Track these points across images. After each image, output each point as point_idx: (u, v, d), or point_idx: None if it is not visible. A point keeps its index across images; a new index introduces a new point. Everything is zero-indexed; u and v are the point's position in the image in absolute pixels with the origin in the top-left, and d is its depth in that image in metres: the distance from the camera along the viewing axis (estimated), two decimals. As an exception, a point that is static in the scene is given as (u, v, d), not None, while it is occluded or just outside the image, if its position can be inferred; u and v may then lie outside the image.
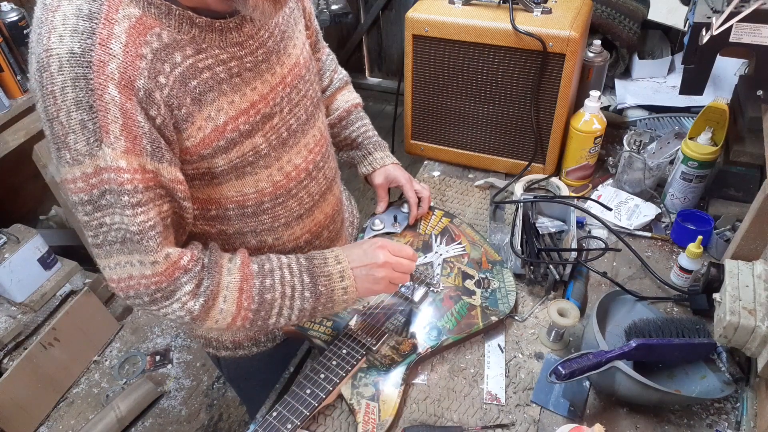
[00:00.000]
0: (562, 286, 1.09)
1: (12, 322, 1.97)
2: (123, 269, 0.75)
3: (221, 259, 0.83)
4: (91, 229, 0.73)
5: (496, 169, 1.40)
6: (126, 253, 0.73)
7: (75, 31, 0.63)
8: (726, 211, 1.19)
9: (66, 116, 0.64)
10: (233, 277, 0.82)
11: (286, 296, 0.85)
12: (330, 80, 1.17)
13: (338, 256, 0.89)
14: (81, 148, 0.66)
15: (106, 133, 0.65)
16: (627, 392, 0.87)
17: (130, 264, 0.74)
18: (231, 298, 0.81)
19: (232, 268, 0.82)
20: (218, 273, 0.81)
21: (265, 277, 0.84)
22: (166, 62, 0.69)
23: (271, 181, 0.87)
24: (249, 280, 0.83)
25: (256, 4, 0.68)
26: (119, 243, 0.73)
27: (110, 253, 0.74)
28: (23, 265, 1.97)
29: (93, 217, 0.71)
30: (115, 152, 0.66)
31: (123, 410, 1.99)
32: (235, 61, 0.77)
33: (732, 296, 0.85)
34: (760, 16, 0.89)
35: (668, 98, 1.56)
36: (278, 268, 0.85)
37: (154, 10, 0.68)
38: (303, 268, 0.87)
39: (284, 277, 0.85)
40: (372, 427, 0.86)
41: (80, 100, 0.64)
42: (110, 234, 0.72)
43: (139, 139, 0.68)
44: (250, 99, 0.79)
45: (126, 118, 0.66)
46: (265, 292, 0.84)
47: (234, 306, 0.81)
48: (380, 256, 0.88)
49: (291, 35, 0.87)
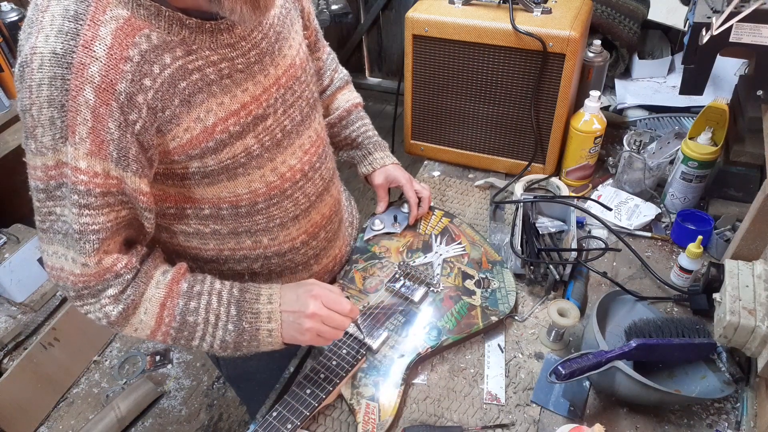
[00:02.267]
0: (562, 286, 1.09)
1: (12, 322, 1.97)
2: (58, 259, 0.77)
3: (154, 270, 0.82)
4: (39, 215, 0.75)
5: (496, 169, 1.40)
6: (64, 246, 0.75)
7: (60, 32, 0.64)
8: (726, 211, 1.19)
9: (37, 111, 0.66)
10: (159, 290, 0.81)
11: (209, 323, 0.83)
12: (330, 80, 1.17)
13: (272, 295, 0.85)
14: (46, 142, 0.68)
15: (72, 133, 0.67)
16: (627, 392, 0.87)
17: (65, 257, 0.76)
18: (151, 312, 0.81)
19: (161, 281, 0.82)
20: (145, 284, 0.80)
21: (191, 299, 0.82)
22: (155, 64, 0.69)
23: (265, 181, 0.87)
24: (174, 298, 0.82)
25: (233, 8, 0.67)
26: (62, 234, 0.75)
27: (52, 240, 0.76)
28: (23, 265, 1.97)
29: (44, 204, 0.73)
30: (77, 152, 0.68)
31: (123, 410, 1.99)
32: (225, 62, 0.76)
33: (732, 296, 0.85)
34: (760, 16, 0.89)
35: (668, 98, 1.56)
36: (207, 292, 0.83)
37: (143, 12, 0.68)
38: (233, 299, 0.84)
39: (210, 303, 0.83)
40: (372, 427, 0.86)
41: (53, 98, 0.65)
42: (56, 224, 0.74)
43: (106, 145, 0.68)
44: (240, 100, 0.79)
45: (96, 122, 0.67)
46: (188, 314, 0.82)
47: (153, 320, 0.81)
48: (310, 306, 0.83)
49: (286, 36, 0.87)
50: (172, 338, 0.83)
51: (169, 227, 0.88)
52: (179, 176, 0.79)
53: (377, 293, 1.06)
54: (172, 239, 0.90)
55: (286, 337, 0.85)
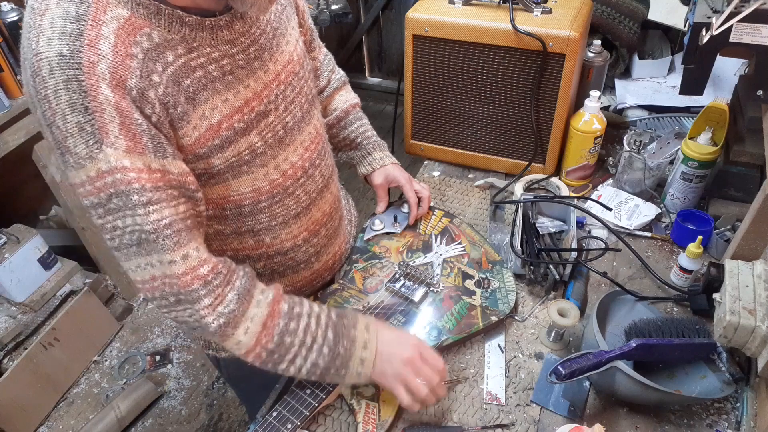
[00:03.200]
0: (562, 286, 1.09)
1: (12, 322, 1.97)
2: (144, 271, 0.74)
3: (254, 288, 0.81)
4: (106, 232, 0.71)
5: (496, 169, 1.40)
6: (144, 254, 0.72)
7: (63, 34, 0.63)
8: (726, 211, 1.19)
9: (62, 119, 0.64)
10: (261, 310, 0.80)
11: (305, 345, 0.82)
12: (328, 81, 1.17)
13: (369, 325, 0.86)
14: (81, 152, 0.65)
15: (105, 134, 0.65)
16: (627, 392, 0.87)
17: (150, 266, 0.73)
18: (252, 331, 0.79)
19: (262, 301, 0.81)
20: (248, 302, 0.79)
21: (291, 320, 0.81)
22: (158, 62, 0.69)
23: (268, 179, 0.87)
24: (275, 318, 0.80)
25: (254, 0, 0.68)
26: (135, 246, 0.71)
27: (128, 256, 0.73)
28: (23, 265, 1.97)
29: (106, 220, 0.70)
30: (117, 152, 0.66)
31: (123, 410, 1.99)
32: (227, 59, 0.77)
33: (732, 296, 0.85)
34: (760, 16, 0.89)
35: (668, 98, 1.56)
36: (306, 314, 0.83)
37: (142, 11, 0.68)
38: (331, 322, 0.84)
39: (309, 325, 0.82)
40: (372, 427, 0.86)
41: (74, 102, 0.63)
42: (125, 237, 0.71)
43: (139, 137, 0.67)
44: (243, 97, 0.79)
45: (123, 116, 0.66)
46: (286, 335, 0.81)
47: (253, 340, 0.79)
48: (409, 351, 0.84)
49: (283, 32, 0.87)
50: (262, 360, 0.81)
51: None
52: None
53: (377, 293, 1.06)
54: None
55: (377, 372, 0.84)
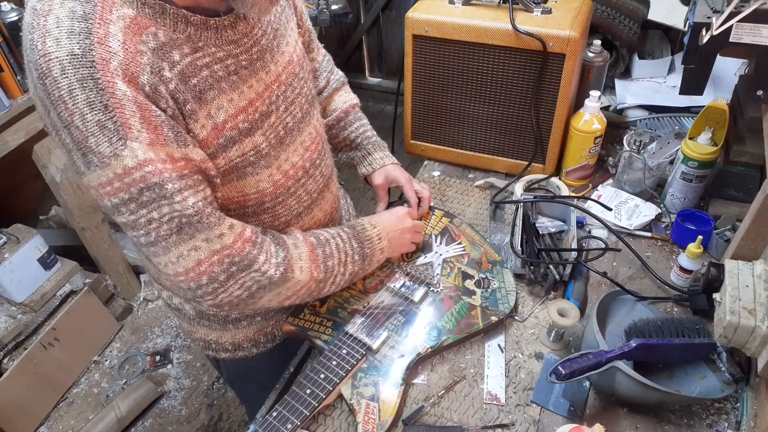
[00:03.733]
0: (562, 286, 1.09)
1: (12, 322, 1.97)
2: (188, 258, 0.74)
3: (281, 236, 0.88)
4: (141, 228, 0.71)
5: (496, 169, 1.40)
6: (187, 239, 0.73)
7: (71, 33, 0.62)
8: (726, 211, 1.19)
9: (80, 119, 0.63)
10: (301, 249, 0.88)
11: (341, 262, 0.93)
12: (327, 81, 1.17)
13: (372, 221, 1.01)
14: (104, 150, 0.65)
15: (128, 129, 0.65)
16: (627, 392, 0.87)
17: (195, 249, 0.74)
18: (305, 268, 0.87)
19: (296, 242, 0.88)
20: (286, 247, 0.86)
21: (324, 246, 0.91)
22: (165, 60, 0.69)
23: (272, 180, 0.87)
24: (314, 250, 0.90)
25: (255, 1, 0.69)
26: (175, 234, 0.72)
27: (168, 247, 0.73)
28: (23, 265, 1.97)
29: (139, 215, 0.70)
30: (142, 145, 0.66)
31: (123, 410, 1.99)
32: (231, 59, 0.77)
33: (732, 296, 0.85)
34: (760, 16, 0.89)
35: (668, 98, 1.56)
36: (332, 237, 0.94)
37: (148, 10, 0.68)
38: (350, 235, 0.96)
39: (338, 244, 0.94)
40: (372, 427, 0.86)
41: (92, 100, 0.63)
42: (162, 228, 0.71)
43: (160, 128, 0.67)
44: (247, 97, 0.79)
45: (142, 110, 0.66)
46: (328, 260, 0.91)
47: (308, 275, 0.88)
48: (407, 222, 1.06)
49: (283, 33, 0.87)
50: (310, 291, 0.91)
51: None
52: None
53: (377, 293, 1.06)
54: None
55: (394, 250, 1.05)
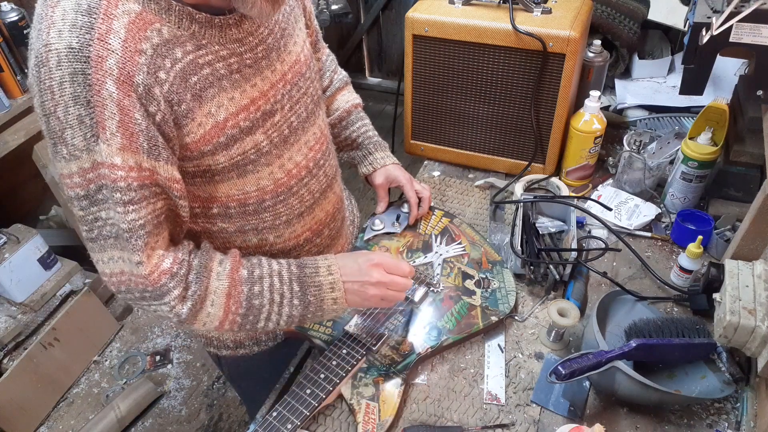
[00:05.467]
0: (562, 286, 1.09)
1: (12, 322, 1.97)
2: (116, 264, 0.76)
3: (211, 262, 0.82)
4: (86, 224, 0.73)
5: (496, 169, 1.40)
6: (118, 249, 0.74)
7: (74, 26, 0.63)
8: (726, 211, 1.19)
9: (63, 111, 0.65)
10: (221, 282, 0.81)
11: (275, 303, 0.84)
12: (330, 81, 1.17)
13: (330, 266, 0.88)
14: (78, 144, 0.66)
15: (102, 129, 0.66)
16: (627, 392, 0.87)
17: (122, 260, 0.75)
18: (218, 303, 0.81)
19: (221, 272, 0.82)
20: (207, 277, 0.80)
21: (254, 284, 0.83)
22: (166, 58, 0.69)
23: (273, 178, 0.87)
24: (237, 286, 0.82)
25: (254, 3, 0.69)
26: (113, 238, 0.73)
27: (104, 247, 0.75)
28: (23, 265, 1.96)
29: (89, 211, 0.72)
30: (110, 148, 0.67)
31: (123, 410, 1.99)
32: (234, 57, 0.77)
33: (732, 296, 0.85)
34: (760, 16, 0.89)
35: (668, 98, 1.56)
36: (268, 275, 0.85)
37: (153, 6, 0.68)
38: (293, 276, 0.86)
39: (273, 284, 0.84)
40: (372, 427, 0.86)
41: (78, 95, 0.64)
42: (105, 229, 0.73)
43: (136, 137, 0.68)
44: (250, 95, 0.79)
45: (123, 114, 0.66)
46: (254, 299, 0.83)
47: (221, 311, 0.81)
48: (374, 275, 0.86)
49: (291, 33, 0.87)
50: (239, 325, 0.84)
51: None
52: (190, 175, 0.79)
53: (377, 293, 1.06)
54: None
55: (351, 303, 0.89)
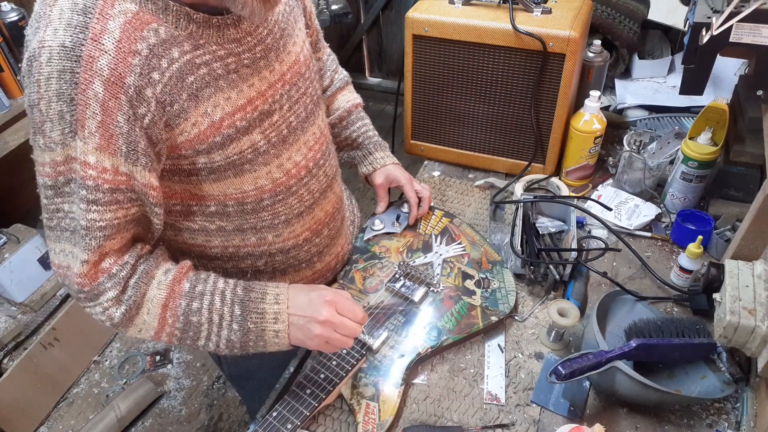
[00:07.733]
0: (562, 286, 1.09)
1: (12, 322, 1.97)
2: (65, 257, 0.76)
3: (156, 269, 0.80)
4: (47, 212, 0.74)
5: (496, 169, 1.40)
6: (72, 243, 0.75)
7: (69, 25, 0.64)
8: (726, 211, 1.19)
9: (46, 105, 0.66)
10: (160, 291, 0.79)
11: (213, 323, 0.81)
12: (331, 80, 1.17)
13: (279, 295, 0.83)
14: (55, 137, 0.68)
15: (81, 127, 0.66)
16: (627, 392, 0.87)
17: (72, 255, 0.75)
18: (154, 312, 0.79)
19: (162, 281, 0.80)
20: (146, 284, 0.79)
21: (193, 299, 0.80)
22: (163, 58, 0.69)
23: (271, 178, 0.87)
24: (176, 299, 0.80)
25: (245, 3, 0.68)
26: (70, 231, 0.74)
27: (59, 238, 0.76)
28: (23, 265, 1.96)
29: (52, 201, 0.73)
30: (86, 146, 0.67)
31: (123, 410, 1.99)
32: (232, 57, 0.77)
33: (732, 296, 0.85)
34: (760, 16, 0.89)
35: (668, 98, 1.56)
36: (210, 292, 0.81)
37: (151, 6, 0.68)
38: (237, 298, 0.82)
39: (213, 303, 0.81)
40: (372, 427, 0.86)
41: (62, 92, 0.65)
42: (64, 221, 0.74)
43: (115, 139, 0.68)
44: (247, 95, 0.79)
45: (105, 115, 0.67)
46: (191, 315, 0.80)
47: (157, 321, 0.80)
48: (323, 313, 0.80)
49: (291, 33, 0.87)
50: (178, 338, 0.82)
51: (174, 224, 0.88)
52: (186, 172, 0.80)
53: (377, 293, 1.06)
54: (177, 237, 0.90)
55: (294, 340, 0.83)
